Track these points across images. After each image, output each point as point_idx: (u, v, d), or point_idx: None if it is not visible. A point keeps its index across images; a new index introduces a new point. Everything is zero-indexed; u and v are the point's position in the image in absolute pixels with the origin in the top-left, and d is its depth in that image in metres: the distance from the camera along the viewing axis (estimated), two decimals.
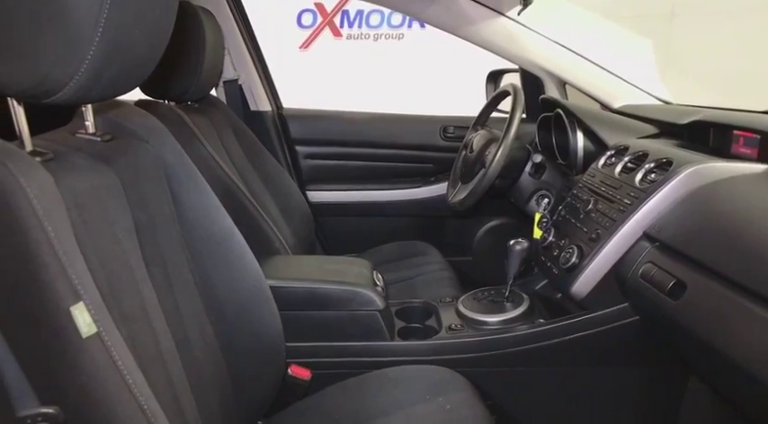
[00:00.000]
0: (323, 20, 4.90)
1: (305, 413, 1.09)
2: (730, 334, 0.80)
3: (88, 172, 0.72)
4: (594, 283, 1.11)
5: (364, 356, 1.21)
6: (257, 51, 1.97)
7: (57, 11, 0.55)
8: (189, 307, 0.89)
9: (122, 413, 0.57)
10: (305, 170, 2.05)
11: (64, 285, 0.55)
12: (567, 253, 1.17)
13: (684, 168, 1.03)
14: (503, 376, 1.20)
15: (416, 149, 2.03)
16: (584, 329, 1.15)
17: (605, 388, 1.22)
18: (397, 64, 4.70)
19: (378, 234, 1.98)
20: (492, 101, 1.67)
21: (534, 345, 1.18)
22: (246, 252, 0.98)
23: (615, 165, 1.24)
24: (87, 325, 0.55)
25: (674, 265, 0.94)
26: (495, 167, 1.35)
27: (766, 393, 0.74)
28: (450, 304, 1.36)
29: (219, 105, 1.70)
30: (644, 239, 1.06)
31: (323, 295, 1.20)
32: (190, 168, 0.94)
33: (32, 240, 0.55)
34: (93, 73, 0.59)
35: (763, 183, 0.98)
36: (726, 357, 0.80)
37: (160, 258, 0.84)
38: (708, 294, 0.85)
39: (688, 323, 0.88)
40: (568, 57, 1.72)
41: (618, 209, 1.12)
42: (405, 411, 1.01)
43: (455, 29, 1.74)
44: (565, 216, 1.31)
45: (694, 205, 1.00)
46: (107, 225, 0.72)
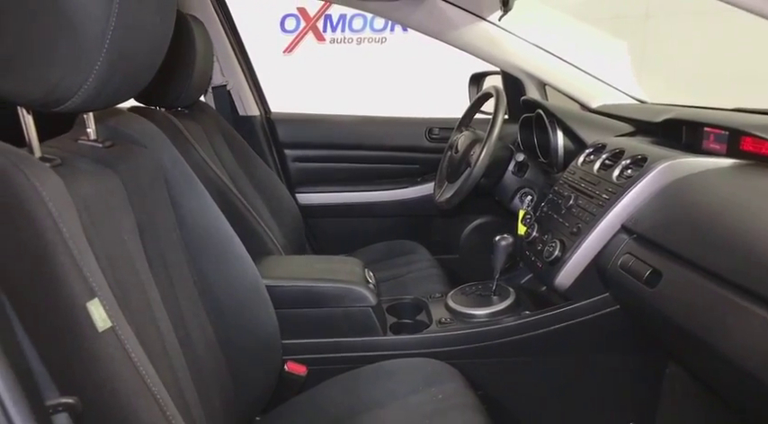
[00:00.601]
0: (306, 24, 4.94)
1: (302, 408, 1.13)
2: (703, 319, 0.85)
3: (93, 177, 0.75)
4: (576, 274, 1.17)
5: (358, 351, 1.25)
6: (245, 57, 2.01)
7: (67, 25, 0.59)
8: (190, 306, 0.92)
9: (137, 403, 0.60)
10: (294, 173, 2.09)
11: (79, 282, 0.58)
12: (550, 247, 1.22)
13: (658, 164, 1.09)
14: (492, 367, 1.25)
15: (403, 150, 2.08)
16: (568, 319, 1.20)
17: (589, 375, 1.27)
18: (381, 67, 4.75)
19: (367, 235, 2.02)
20: (475, 103, 1.72)
21: (521, 336, 1.23)
22: (243, 253, 1.02)
23: (594, 162, 1.29)
24: (102, 320, 0.59)
25: (650, 255, 0.99)
26: (480, 166, 1.40)
27: (738, 375, 0.79)
28: (439, 300, 1.41)
29: (209, 110, 1.73)
30: (622, 231, 1.11)
31: (317, 293, 1.24)
32: (187, 172, 0.97)
33: (49, 241, 0.58)
34: (100, 82, 0.63)
35: (731, 176, 1.04)
36: (699, 341, 0.86)
37: (162, 259, 0.87)
38: (681, 281, 0.91)
39: (664, 309, 0.93)
40: (547, 59, 1.78)
41: (597, 204, 1.17)
42: (398, 402, 1.05)
43: (438, 33, 1.79)
44: (547, 211, 1.36)
45: (668, 198, 1.06)
46: (113, 226, 0.75)
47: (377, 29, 4.87)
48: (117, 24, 0.60)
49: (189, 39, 1.36)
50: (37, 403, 0.45)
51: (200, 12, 1.73)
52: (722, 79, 2.78)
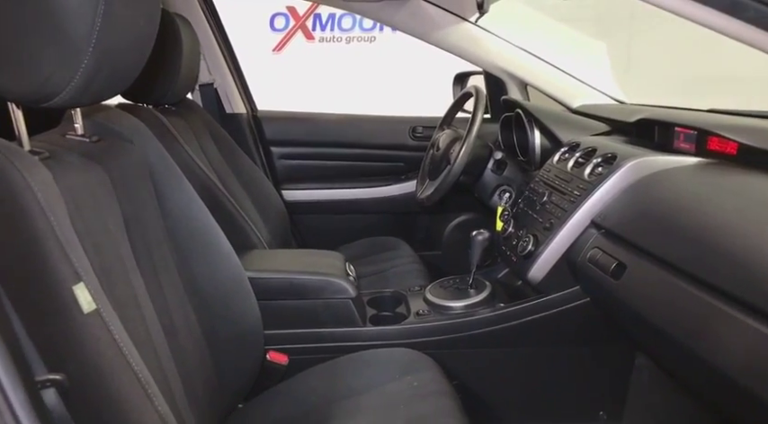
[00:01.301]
0: (295, 23, 4.96)
1: (283, 396, 1.16)
2: (662, 309, 0.90)
3: (81, 170, 0.78)
4: (548, 268, 1.21)
5: (338, 341, 1.28)
6: (231, 55, 2.04)
7: (55, 24, 0.62)
8: (174, 296, 0.96)
9: (120, 381, 0.64)
10: (279, 170, 2.12)
11: (66, 267, 0.62)
12: (524, 242, 1.27)
13: (626, 161, 1.14)
14: (466, 357, 1.29)
15: (387, 149, 2.12)
16: (541, 311, 1.25)
17: (560, 366, 1.32)
18: (370, 66, 4.78)
19: (351, 231, 2.06)
20: (456, 102, 1.76)
21: (495, 327, 1.27)
22: (226, 246, 1.06)
23: (568, 161, 1.34)
24: (88, 303, 0.62)
25: (616, 249, 1.04)
26: (459, 164, 1.44)
27: (698, 362, 0.83)
28: (418, 293, 1.45)
29: (196, 108, 1.75)
30: (591, 226, 1.16)
31: (298, 285, 1.27)
32: (172, 167, 1.00)
33: (38, 228, 0.61)
34: (87, 79, 0.66)
35: (696, 174, 1.09)
36: (660, 331, 0.90)
37: (147, 250, 0.91)
38: (644, 273, 0.96)
39: (627, 301, 0.98)
40: (529, 60, 1.82)
41: (569, 200, 1.22)
42: (376, 390, 1.09)
43: (422, 34, 1.83)
44: (523, 208, 1.41)
45: (634, 194, 1.10)
46: (100, 218, 0.78)
47: (366, 28, 4.90)
48: (103, 23, 0.63)
49: (175, 38, 1.39)
50: (27, 378, 0.48)
51: (187, 11, 1.76)
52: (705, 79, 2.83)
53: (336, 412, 1.05)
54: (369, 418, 1.02)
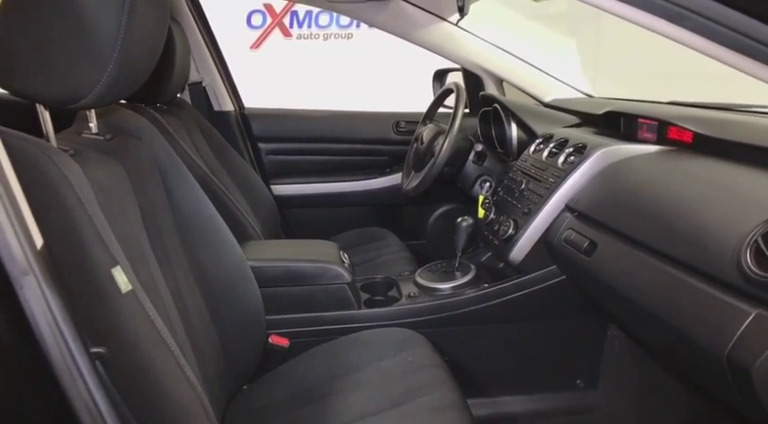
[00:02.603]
0: (272, 20, 4.99)
1: (285, 376, 1.24)
2: (630, 279, 1.01)
3: (102, 165, 0.85)
4: (528, 249, 1.32)
5: (336, 324, 1.37)
6: (219, 55, 2.10)
7: (85, 35, 0.70)
8: (185, 283, 1.03)
9: (155, 353, 0.71)
10: (268, 165, 2.19)
11: (103, 252, 0.69)
12: (505, 226, 1.37)
13: (595, 151, 1.25)
14: (455, 334, 1.39)
15: (372, 143, 2.20)
16: (522, 289, 1.35)
17: (540, 339, 1.43)
18: (347, 63, 4.83)
19: (339, 223, 2.14)
20: (438, 98, 1.86)
21: (481, 306, 1.38)
22: (229, 236, 1.13)
23: (543, 151, 1.45)
24: (125, 284, 0.70)
25: (588, 229, 1.15)
26: (443, 156, 1.54)
27: (662, 325, 0.94)
28: (408, 277, 1.54)
29: (187, 106, 1.82)
30: (566, 210, 1.27)
31: (297, 272, 1.36)
32: (177, 163, 1.08)
33: (76, 218, 0.68)
34: (110, 83, 0.73)
35: (656, 161, 1.21)
36: (628, 299, 1.02)
37: (160, 240, 0.98)
38: (613, 249, 1.07)
39: (599, 274, 1.09)
40: (504, 57, 1.93)
41: (545, 187, 1.33)
42: (373, 366, 1.18)
43: (403, 33, 1.92)
44: (503, 196, 1.51)
45: (603, 180, 1.22)
46: (121, 208, 0.86)
47: (343, 25, 4.95)
48: (125, 33, 0.71)
49: (168, 40, 1.45)
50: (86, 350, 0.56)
51: (177, 13, 1.81)
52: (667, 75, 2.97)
53: (337, 388, 1.13)
54: (368, 391, 1.11)
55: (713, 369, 0.81)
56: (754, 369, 0.73)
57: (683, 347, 0.90)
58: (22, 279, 0.51)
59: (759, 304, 0.75)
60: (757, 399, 0.76)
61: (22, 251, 0.51)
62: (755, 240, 0.76)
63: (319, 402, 1.10)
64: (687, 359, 0.96)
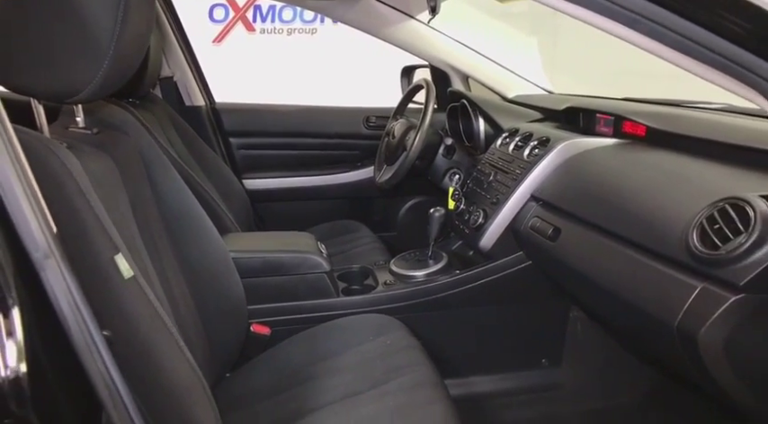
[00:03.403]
0: (235, 14, 4.94)
1: (267, 363, 1.28)
2: (591, 261, 1.10)
3: (95, 158, 0.88)
4: (497, 237, 1.41)
5: (315, 312, 1.42)
6: (189, 50, 2.10)
7: (83, 33, 0.72)
8: (172, 274, 1.06)
9: (156, 334, 0.75)
10: (239, 159, 2.21)
11: (106, 239, 0.72)
12: (475, 216, 1.45)
13: (558, 144, 1.34)
14: (429, 318, 1.46)
15: (343, 137, 2.25)
16: (491, 274, 1.44)
17: (508, 321, 1.52)
18: (312, 58, 4.84)
19: (311, 216, 2.18)
20: (408, 94, 1.92)
21: (452, 291, 1.45)
22: (212, 229, 1.17)
23: (509, 144, 1.53)
24: (126, 270, 0.73)
25: (552, 216, 1.24)
26: (415, 150, 1.61)
27: (620, 302, 1.03)
28: (383, 266, 1.61)
29: (159, 101, 1.82)
30: (531, 200, 1.36)
31: (277, 263, 1.40)
32: (161, 156, 1.10)
33: (79, 207, 0.71)
34: (104, 79, 0.76)
35: (613, 152, 1.31)
36: (589, 279, 1.10)
37: (149, 231, 1.01)
38: (575, 235, 1.16)
39: (563, 258, 1.18)
40: (470, 54, 2.01)
41: (512, 178, 1.41)
42: (353, 350, 1.23)
43: (372, 30, 1.97)
44: (472, 187, 1.59)
45: (565, 171, 1.31)
46: (114, 199, 0.89)
47: (307, 20, 4.95)
48: (121, 31, 0.74)
49: None
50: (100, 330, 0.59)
51: None
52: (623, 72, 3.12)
53: (319, 372, 1.18)
54: (350, 374, 1.16)
55: (666, 340, 0.90)
56: (699, 337, 0.82)
57: (639, 321, 1.00)
58: (44, 262, 0.54)
59: (704, 278, 0.84)
60: (704, 364, 0.85)
61: (43, 236, 0.54)
62: (701, 222, 0.86)
63: (302, 386, 1.15)
64: (643, 333, 1.06)
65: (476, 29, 2.14)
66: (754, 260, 0.78)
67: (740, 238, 0.79)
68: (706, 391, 1.00)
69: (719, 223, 0.83)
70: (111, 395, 0.58)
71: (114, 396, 0.58)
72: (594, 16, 0.72)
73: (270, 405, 1.11)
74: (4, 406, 0.48)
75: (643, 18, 0.69)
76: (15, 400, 0.49)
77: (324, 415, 1.04)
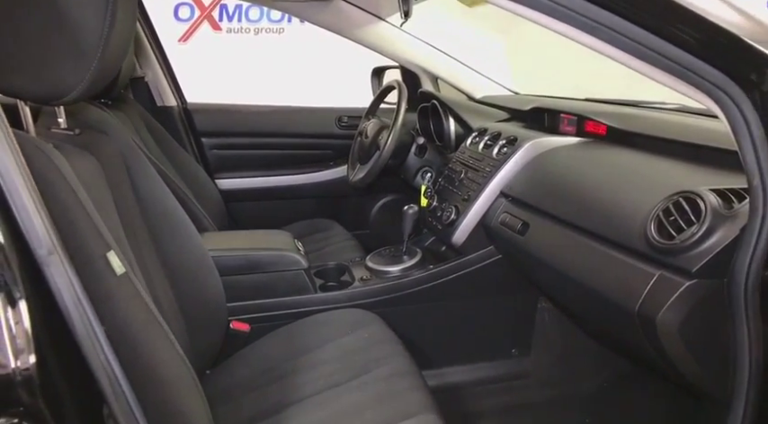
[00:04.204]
0: (201, 13, 4.89)
1: (247, 359, 1.30)
2: (557, 252, 1.17)
3: (80, 158, 0.89)
4: (468, 232, 1.47)
5: (294, 308, 1.45)
6: (160, 50, 2.09)
7: (71, 37, 0.74)
8: (154, 271, 1.08)
9: (149, 328, 0.77)
10: (211, 159, 2.21)
11: (98, 237, 0.74)
12: (448, 212, 1.51)
13: (525, 142, 1.41)
14: (404, 312, 1.51)
15: (315, 137, 2.28)
16: (463, 268, 1.50)
17: (479, 313, 1.58)
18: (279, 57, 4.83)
19: (285, 215, 2.20)
20: (380, 94, 1.97)
21: (427, 285, 1.51)
22: (191, 228, 1.18)
23: (479, 143, 1.60)
24: (118, 267, 0.75)
25: (521, 211, 1.30)
26: (389, 149, 1.66)
27: (583, 290, 1.10)
28: (359, 263, 1.65)
29: (131, 102, 1.82)
30: (501, 196, 1.42)
31: (255, 260, 1.42)
32: (140, 156, 1.12)
33: (71, 206, 0.73)
34: (92, 80, 0.78)
35: (576, 150, 1.38)
36: (556, 269, 1.17)
37: (132, 230, 1.02)
38: (543, 228, 1.23)
39: (532, 250, 1.25)
40: (439, 56, 2.07)
41: (482, 176, 1.47)
42: (332, 343, 1.26)
43: (344, 32, 2.01)
44: (444, 185, 1.65)
45: (532, 168, 1.38)
46: (100, 198, 0.90)
47: (274, 20, 4.93)
48: (107, 36, 0.76)
49: None
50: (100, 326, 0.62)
51: None
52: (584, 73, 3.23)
53: (300, 366, 1.21)
54: (330, 366, 1.19)
55: (627, 324, 0.98)
56: (657, 320, 0.90)
57: (603, 307, 1.07)
58: (48, 259, 0.56)
59: (661, 266, 0.92)
60: (661, 346, 0.93)
61: (46, 233, 0.56)
62: (657, 214, 0.93)
63: (284, 379, 1.18)
64: (607, 318, 1.13)
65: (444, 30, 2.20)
66: (705, 248, 0.85)
67: (693, 228, 0.87)
68: (665, 373, 1.08)
69: (674, 215, 0.91)
70: (112, 386, 0.60)
71: (115, 387, 0.60)
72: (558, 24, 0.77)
73: (253, 398, 1.14)
74: (15, 395, 0.51)
75: (603, 26, 0.75)
76: (26, 389, 0.51)
77: (307, 405, 1.07)
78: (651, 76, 0.79)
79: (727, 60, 0.74)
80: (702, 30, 0.74)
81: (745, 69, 0.74)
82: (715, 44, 0.74)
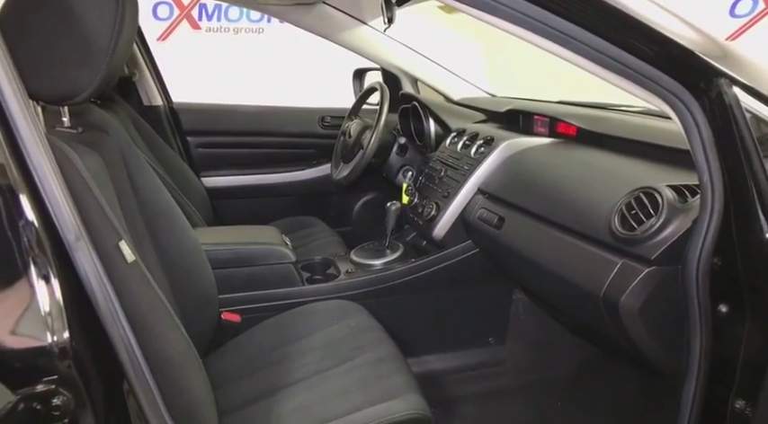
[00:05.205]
0: (180, 12, 4.88)
1: (238, 348, 1.36)
2: (531, 245, 1.26)
3: (86, 155, 0.94)
4: (448, 227, 1.55)
5: (283, 299, 1.51)
6: (147, 50, 2.13)
7: (83, 41, 0.80)
8: (152, 264, 1.13)
9: (158, 312, 0.83)
10: (197, 158, 2.25)
11: (110, 227, 0.80)
12: (429, 209, 1.59)
13: (501, 142, 1.50)
14: (388, 303, 1.58)
15: (299, 137, 2.34)
16: (443, 262, 1.58)
17: (458, 304, 1.67)
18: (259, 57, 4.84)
19: (269, 213, 2.25)
20: (362, 96, 2.04)
21: (408, 277, 1.58)
22: (185, 223, 1.24)
23: (457, 143, 1.68)
24: (129, 255, 0.81)
25: (497, 207, 1.39)
26: (372, 148, 1.73)
27: (554, 278, 1.19)
28: (344, 257, 1.72)
29: (118, 101, 1.85)
30: (479, 193, 1.51)
31: (246, 254, 1.48)
32: (137, 153, 1.17)
33: (86, 198, 0.78)
34: (101, 82, 0.84)
35: (549, 150, 1.48)
36: (530, 261, 1.26)
37: (132, 224, 1.07)
38: (517, 222, 1.32)
39: (507, 243, 1.33)
40: (419, 59, 2.15)
41: (461, 174, 1.56)
42: (319, 333, 1.33)
43: (327, 35, 2.07)
44: (424, 182, 1.73)
45: (508, 167, 1.47)
46: (106, 193, 0.95)
47: (254, 20, 4.94)
48: (116, 40, 0.82)
49: None
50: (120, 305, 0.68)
51: None
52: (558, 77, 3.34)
53: (289, 353, 1.27)
54: (318, 353, 1.26)
55: (594, 308, 1.07)
56: (620, 303, 0.99)
57: (572, 294, 1.16)
58: (76, 244, 0.62)
59: (624, 255, 1.01)
60: (624, 327, 1.02)
61: (74, 221, 0.62)
62: (621, 208, 1.03)
63: (274, 366, 1.24)
64: (575, 304, 1.23)
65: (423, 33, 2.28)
66: (662, 238, 0.95)
67: (651, 220, 0.96)
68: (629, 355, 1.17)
69: (635, 209, 1.00)
70: (131, 360, 0.66)
71: (134, 361, 0.67)
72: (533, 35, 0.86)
73: (245, 383, 1.20)
74: (52, 365, 0.57)
75: (571, 38, 0.84)
76: (61, 360, 0.57)
77: (297, 389, 1.14)
78: (614, 83, 0.88)
79: (681, 70, 0.83)
80: (660, 44, 0.83)
81: (695, 78, 0.83)
82: (670, 56, 0.83)
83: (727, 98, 0.80)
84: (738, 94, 0.80)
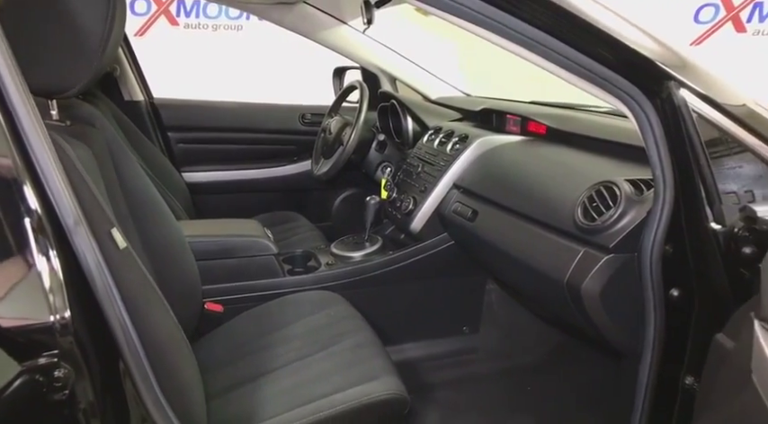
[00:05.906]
0: (158, 8, 4.86)
1: (221, 337, 1.40)
2: (503, 236, 1.34)
3: (77, 147, 0.98)
4: (425, 221, 1.62)
5: (265, 290, 1.55)
6: (128, 45, 2.14)
7: (76, 37, 0.84)
8: (138, 253, 1.16)
9: (149, 298, 0.88)
10: (178, 153, 2.27)
11: (103, 214, 0.84)
12: (406, 203, 1.66)
13: (475, 140, 1.57)
14: (366, 293, 1.64)
15: (279, 133, 2.38)
16: (420, 253, 1.65)
17: (434, 294, 1.73)
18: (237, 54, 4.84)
19: (251, 208, 2.28)
20: (342, 94, 2.09)
21: (387, 269, 1.65)
22: (170, 215, 1.27)
23: (434, 141, 1.75)
24: (121, 242, 0.85)
25: (471, 201, 1.46)
26: (352, 144, 1.79)
27: (525, 268, 1.26)
28: (324, 250, 1.77)
29: (100, 96, 1.87)
30: (454, 188, 1.58)
31: (229, 246, 1.52)
32: (123, 146, 1.20)
33: (80, 186, 0.82)
34: (92, 76, 0.88)
35: (520, 147, 1.55)
36: (502, 251, 1.33)
37: (120, 214, 1.11)
38: (490, 215, 1.39)
39: (481, 234, 1.40)
40: (398, 59, 2.20)
41: (437, 170, 1.63)
42: (300, 322, 1.38)
43: (308, 34, 2.11)
44: (403, 178, 1.79)
45: (482, 163, 1.54)
46: (96, 184, 0.99)
47: (233, 17, 4.94)
48: (107, 36, 0.86)
49: None
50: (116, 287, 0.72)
51: None
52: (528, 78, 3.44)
53: (271, 341, 1.32)
54: (299, 341, 1.31)
55: (559, 294, 1.14)
56: (582, 289, 1.07)
57: (539, 281, 1.24)
58: (75, 229, 0.66)
59: (585, 244, 1.09)
60: (586, 311, 1.10)
61: (73, 207, 0.67)
62: (583, 201, 1.10)
63: (258, 353, 1.29)
64: (543, 291, 1.30)
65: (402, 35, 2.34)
66: (619, 227, 1.03)
67: (610, 212, 1.04)
68: (593, 339, 1.25)
69: (596, 201, 1.08)
70: (126, 338, 0.71)
71: (129, 340, 0.71)
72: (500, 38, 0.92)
73: (229, 370, 1.24)
74: (54, 341, 0.61)
75: (539, 45, 0.91)
76: (63, 335, 0.62)
77: (280, 374, 1.19)
78: (576, 84, 0.96)
79: (637, 74, 0.91)
80: (619, 50, 0.90)
81: (649, 81, 0.91)
82: (628, 62, 0.91)
83: (676, 99, 0.87)
84: (686, 96, 0.87)
